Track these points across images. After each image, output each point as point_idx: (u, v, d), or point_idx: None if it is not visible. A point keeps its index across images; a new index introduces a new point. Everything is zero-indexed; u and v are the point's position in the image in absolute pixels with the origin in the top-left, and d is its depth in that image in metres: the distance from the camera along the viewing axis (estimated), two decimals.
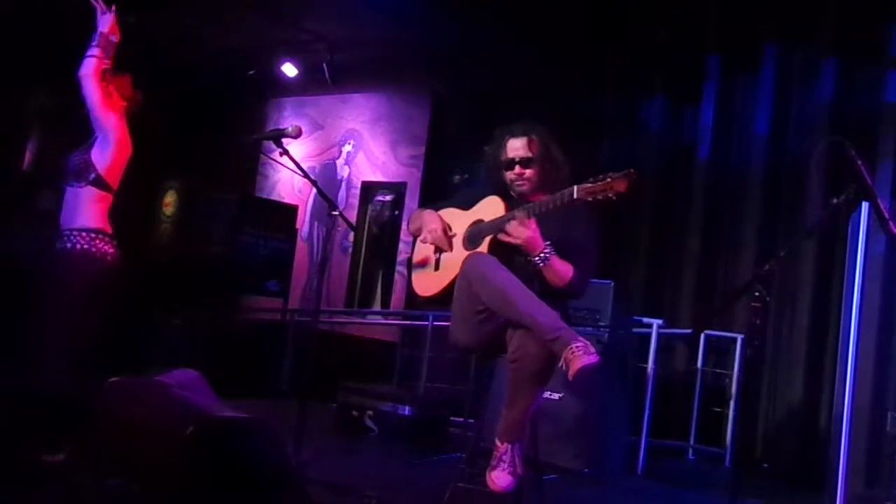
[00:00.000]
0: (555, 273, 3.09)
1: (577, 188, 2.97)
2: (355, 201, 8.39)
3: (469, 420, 5.24)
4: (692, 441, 5.93)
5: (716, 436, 5.93)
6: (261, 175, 9.22)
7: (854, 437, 3.74)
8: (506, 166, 3.29)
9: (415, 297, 3.47)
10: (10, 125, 7.80)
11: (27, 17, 6.81)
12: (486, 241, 3.20)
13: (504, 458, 2.91)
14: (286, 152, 3.61)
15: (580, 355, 2.71)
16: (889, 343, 3.95)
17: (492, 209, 3.28)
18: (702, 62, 6.56)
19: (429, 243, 3.35)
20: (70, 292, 3.52)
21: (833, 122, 5.76)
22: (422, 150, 7.93)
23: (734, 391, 5.88)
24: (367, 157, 8.41)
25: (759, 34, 6.28)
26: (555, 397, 4.55)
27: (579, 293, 3.22)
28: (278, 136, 3.60)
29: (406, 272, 4.09)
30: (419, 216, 3.45)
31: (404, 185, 8.03)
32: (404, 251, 7.63)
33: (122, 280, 3.63)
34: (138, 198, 8.03)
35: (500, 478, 2.89)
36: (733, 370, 5.90)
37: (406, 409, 5.16)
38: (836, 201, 2.60)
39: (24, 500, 2.90)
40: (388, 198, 8.22)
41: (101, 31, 3.65)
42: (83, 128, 3.61)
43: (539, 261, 3.07)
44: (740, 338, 5.76)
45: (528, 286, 2.98)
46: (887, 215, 2.63)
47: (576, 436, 4.53)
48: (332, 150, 8.73)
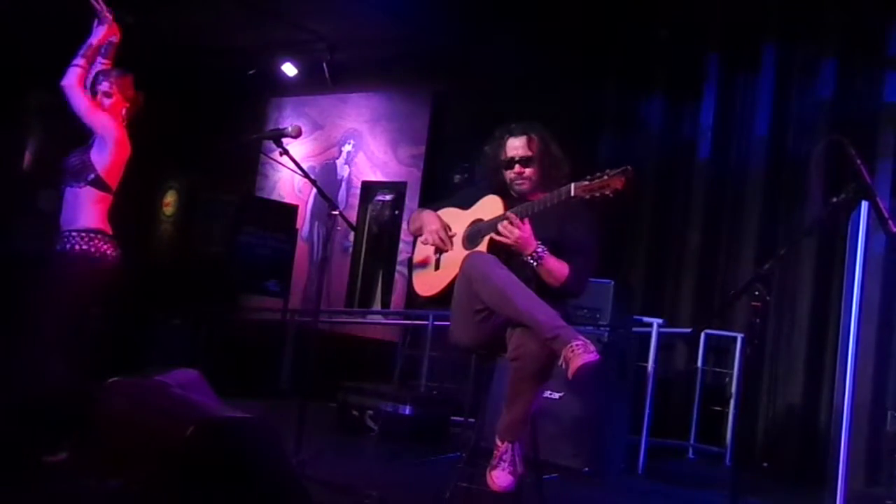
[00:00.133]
0: (549, 273, 3.08)
1: (573, 186, 2.96)
2: (355, 201, 8.38)
3: (469, 420, 5.23)
4: (692, 440, 5.93)
5: (716, 435, 5.94)
6: (261, 175, 9.21)
7: (854, 436, 3.73)
8: (505, 165, 3.28)
9: (415, 297, 3.47)
10: (10, 125, 7.82)
11: (27, 18, 6.81)
12: (486, 240, 3.19)
13: (504, 457, 2.91)
14: (286, 152, 3.61)
15: (580, 353, 2.70)
16: (889, 342, 3.96)
17: (491, 208, 3.27)
18: (702, 61, 6.57)
19: (429, 244, 3.34)
20: (70, 293, 3.51)
21: (833, 121, 5.77)
22: (422, 149, 7.93)
23: (734, 390, 5.89)
24: (367, 157, 8.41)
25: (759, 34, 6.29)
26: (555, 396, 4.55)
27: (577, 292, 3.21)
28: (278, 136, 3.60)
29: (406, 272, 4.08)
30: (419, 216, 3.45)
31: (404, 184, 8.02)
32: (404, 251, 7.62)
33: (122, 280, 3.63)
34: (138, 198, 8.04)
35: (501, 477, 2.88)
36: (733, 369, 5.91)
37: (406, 409, 5.15)
38: (835, 200, 2.59)
39: (25, 500, 2.90)
40: (388, 197, 8.21)
41: (90, 41, 3.62)
42: (83, 128, 3.61)
43: (532, 260, 3.06)
44: (740, 337, 5.77)
45: (528, 285, 2.97)
46: (887, 214, 2.63)
47: (576, 435, 4.53)
48: (332, 149, 8.72)
